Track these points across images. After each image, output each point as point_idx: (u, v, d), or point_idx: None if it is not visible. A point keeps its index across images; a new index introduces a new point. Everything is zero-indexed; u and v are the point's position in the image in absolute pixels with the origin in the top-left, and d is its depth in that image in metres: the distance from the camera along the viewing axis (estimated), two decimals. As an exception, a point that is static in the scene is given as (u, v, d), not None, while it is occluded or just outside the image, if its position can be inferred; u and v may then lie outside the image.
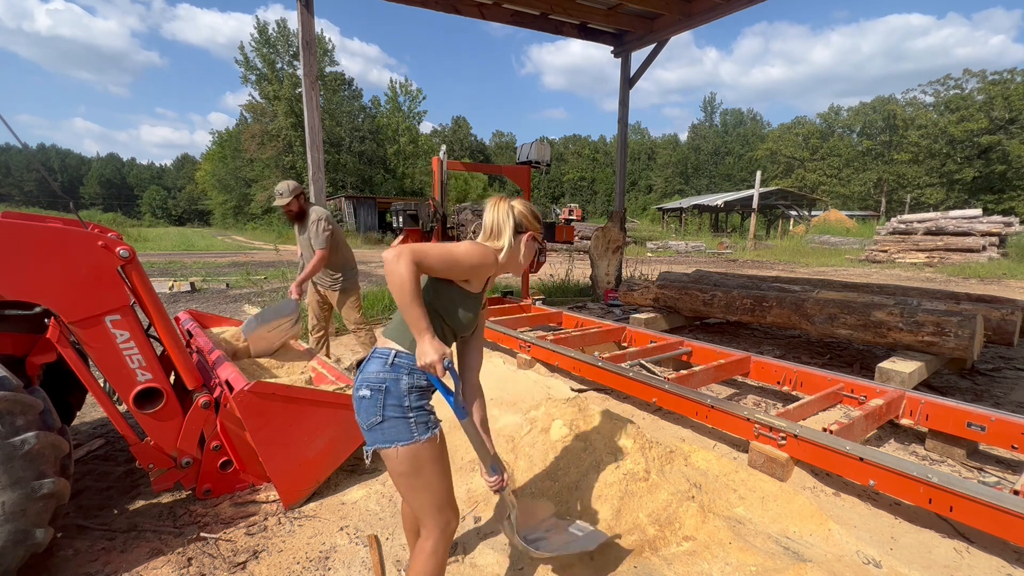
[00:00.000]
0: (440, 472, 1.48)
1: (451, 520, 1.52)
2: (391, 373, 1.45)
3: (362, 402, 1.45)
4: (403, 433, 1.42)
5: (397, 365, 1.46)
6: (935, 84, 41.48)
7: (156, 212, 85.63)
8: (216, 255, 19.02)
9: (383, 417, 1.42)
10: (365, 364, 1.52)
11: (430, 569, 1.47)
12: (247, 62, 40.75)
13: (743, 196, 31.40)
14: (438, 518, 1.48)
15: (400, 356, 1.47)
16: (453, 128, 67.30)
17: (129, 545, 2.12)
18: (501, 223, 1.59)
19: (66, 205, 2.56)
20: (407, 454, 1.42)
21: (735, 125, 68.65)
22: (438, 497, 1.48)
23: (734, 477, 2.48)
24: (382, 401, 1.43)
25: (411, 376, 1.46)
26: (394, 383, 1.44)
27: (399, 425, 1.43)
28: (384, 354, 1.48)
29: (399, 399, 1.44)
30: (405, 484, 1.46)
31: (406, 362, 1.47)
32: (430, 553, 1.47)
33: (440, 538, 1.48)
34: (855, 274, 13.58)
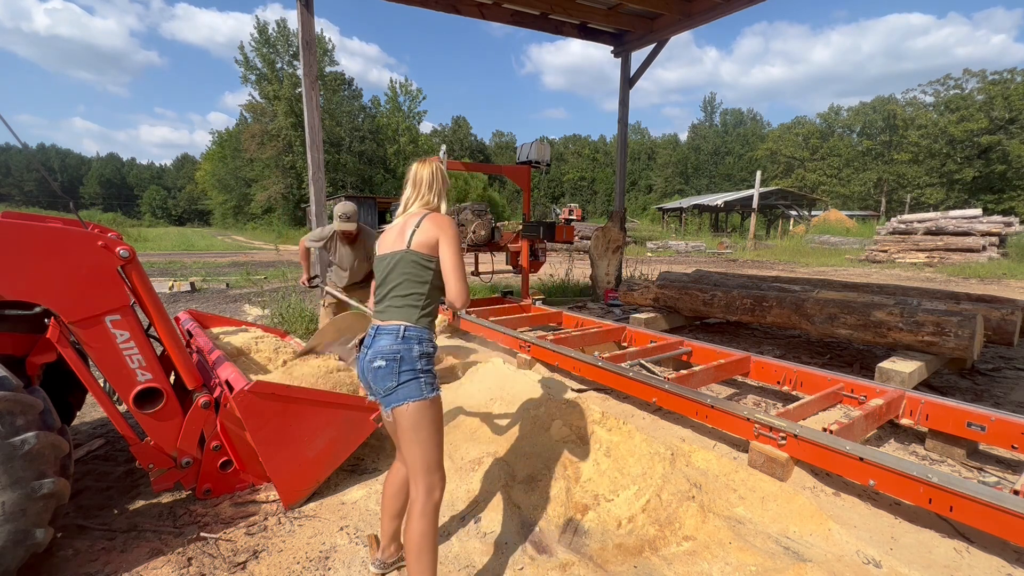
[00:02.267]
0: (437, 431, 1.70)
1: (436, 484, 1.69)
2: (403, 344, 1.68)
3: (378, 371, 1.67)
4: (414, 391, 1.65)
5: (408, 337, 1.69)
6: (935, 84, 41.52)
7: (156, 212, 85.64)
8: (216, 255, 19.02)
9: (398, 382, 1.65)
10: (373, 340, 1.71)
11: (423, 528, 1.64)
12: (247, 62, 40.80)
13: (743, 196, 31.40)
14: (426, 477, 1.67)
15: (409, 330, 1.70)
16: (453, 128, 67.27)
17: (129, 545, 2.12)
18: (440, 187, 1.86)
19: (66, 205, 2.56)
20: (415, 409, 1.65)
21: (735, 125, 68.67)
22: (430, 455, 1.67)
23: (734, 477, 2.48)
24: (397, 368, 1.65)
25: (421, 344, 1.70)
26: (407, 352, 1.67)
27: (412, 384, 1.65)
28: (393, 330, 1.70)
29: (412, 364, 1.67)
30: (405, 438, 1.67)
31: (415, 334, 1.70)
32: (419, 514, 1.65)
33: (426, 499, 1.66)
34: (855, 274, 13.59)
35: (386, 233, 1.85)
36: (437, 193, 1.84)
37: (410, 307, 1.73)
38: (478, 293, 7.74)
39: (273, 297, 6.86)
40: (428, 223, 1.73)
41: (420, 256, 1.71)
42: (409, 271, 1.72)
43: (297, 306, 6.06)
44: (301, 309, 6.00)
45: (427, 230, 1.72)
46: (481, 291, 7.90)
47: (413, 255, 1.72)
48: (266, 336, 3.67)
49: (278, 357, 3.34)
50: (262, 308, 7.19)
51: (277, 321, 5.86)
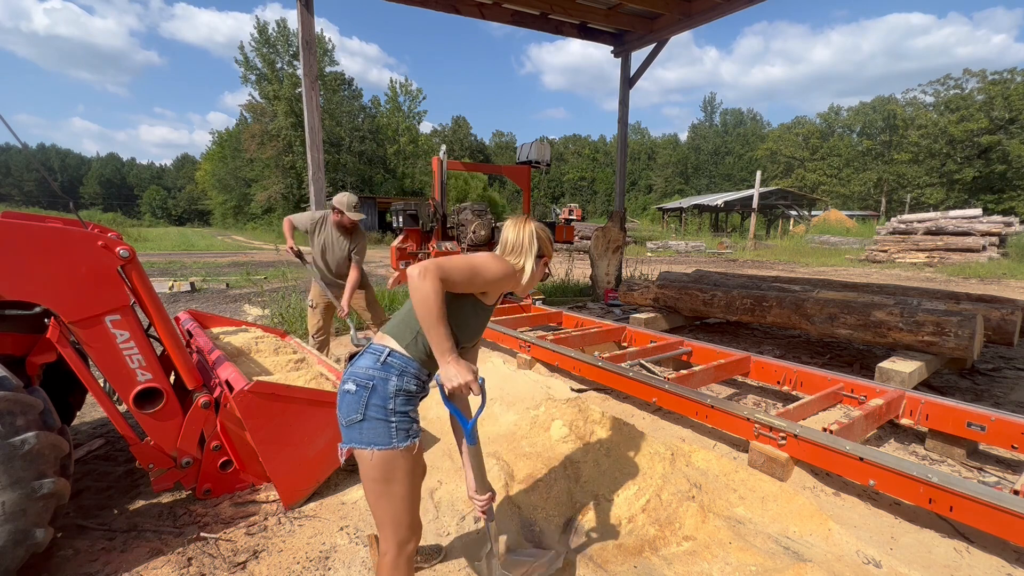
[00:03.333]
0: (409, 486, 1.44)
1: (409, 540, 1.47)
2: (381, 372, 1.41)
3: (345, 396, 1.41)
4: (381, 436, 1.38)
5: (388, 365, 1.42)
6: (935, 84, 41.51)
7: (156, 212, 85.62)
8: (216, 255, 19.02)
9: (363, 416, 1.38)
10: (357, 358, 1.49)
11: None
12: (247, 62, 40.76)
13: (743, 196, 31.40)
14: (396, 534, 1.44)
15: (393, 356, 1.44)
16: (453, 128, 67.27)
17: (129, 545, 2.12)
18: (525, 246, 1.60)
19: (66, 205, 2.56)
20: (381, 459, 1.38)
21: (735, 125, 68.69)
22: (401, 511, 1.43)
23: (734, 477, 2.48)
24: (366, 399, 1.39)
25: (401, 379, 1.42)
26: (382, 382, 1.40)
27: (379, 427, 1.38)
28: (378, 351, 1.45)
29: (384, 400, 1.39)
30: (373, 490, 1.42)
31: (398, 363, 1.43)
32: (389, 569, 1.46)
33: (397, 554, 1.45)
34: (855, 274, 13.59)
35: None
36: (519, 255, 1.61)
37: (405, 329, 1.48)
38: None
39: (273, 297, 6.86)
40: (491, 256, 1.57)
41: None
42: None
43: (297, 306, 6.05)
44: (301, 309, 6.00)
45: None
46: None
47: None
48: (266, 336, 3.67)
49: (278, 357, 3.34)
50: (262, 308, 7.19)
51: (277, 321, 5.86)
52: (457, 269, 1.39)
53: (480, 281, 1.46)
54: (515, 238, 1.60)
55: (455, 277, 1.38)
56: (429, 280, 1.31)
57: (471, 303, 1.52)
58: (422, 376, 1.49)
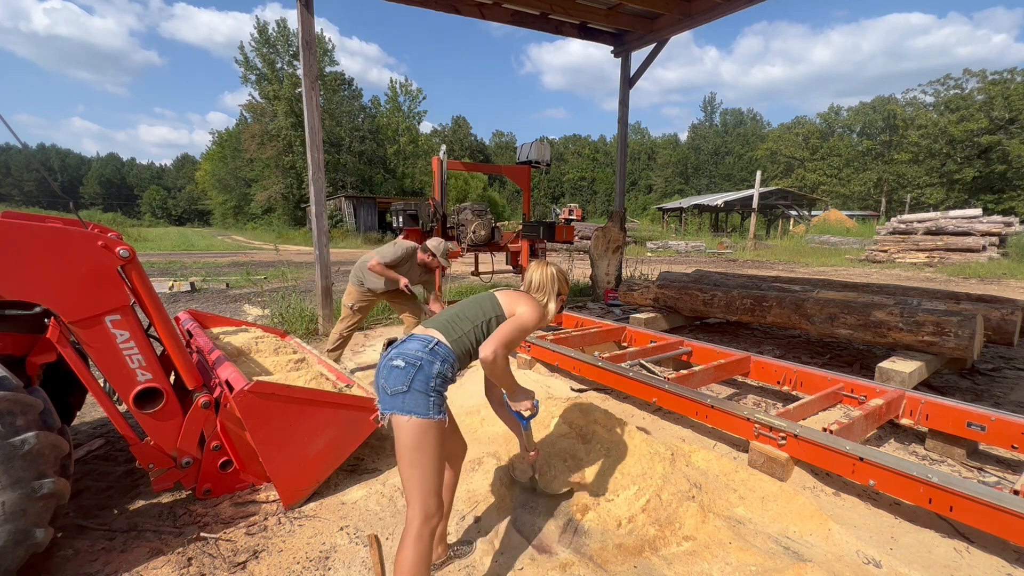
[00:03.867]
0: (438, 455, 1.63)
1: (434, 514, 1.61)
2: (429, 355, 1.65)
3: (394, 371, 1.63)
4: (420, 407, 1.59)
5: (436, 352, 1.67)
6: (935, 84, 41.51)
7: (156, 212, 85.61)
8: (216, 255, 19.02)
9: (408, 388, 1.59)
10: (403, 343, 1.71)
11: (416, 555, 1.57)
12: (247, 62, 40.75)
13: (743, 196, 31.40)
14: (423, 501, 1.60)
15: (440, 346, 1.69)
16: (453, 128, 67.26)
17: (129, 545, 2.12)
18: (548, 287, 1.95)
19: (66, 205, 2.56)
20: (417, 426, 1.58)
21: (735, 125, 68.70)
22: (429, 480, 1.60)
23: (734, 477, 2.48)
24: (412, 374, 1.61)
25: (443, 364, 1.67)
26: (428, 364, 1.63)
27: (420, 399, 1.59)
28: (427, 339, 1.70)
29: (427, 379, 1.62)
30: (406, 458, 1.60)
31: (443, 352, 1.69)
32: (414, 539, 1.58)
33: (422, 525, 1.59)
34: (855, 274, 13.59)
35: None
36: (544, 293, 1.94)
37: (452, 328, 1.76)
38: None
39: (273, 297, 6.86)
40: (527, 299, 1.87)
41: (496, 305, 1.84)
42: (476, 309, 1.83)
43: (297, 306, 6.06)
44: (301, 309, 6.00)
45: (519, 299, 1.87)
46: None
47: (492, 300, 1.86)
48: (266, 336, 3.67)
49: (278, 357, 3.34)
50: (262, 308, 7.19)
51: (277, 321, 5.86)
52: (515, 340, 1.76)
53: (526, 335, 1.83)
54: (540, 280, 1.95)
55: (514, 344, 1.77)
56: (500, 360, 1.72)
57: None
58: (457, 367, 1.75)
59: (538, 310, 1.84)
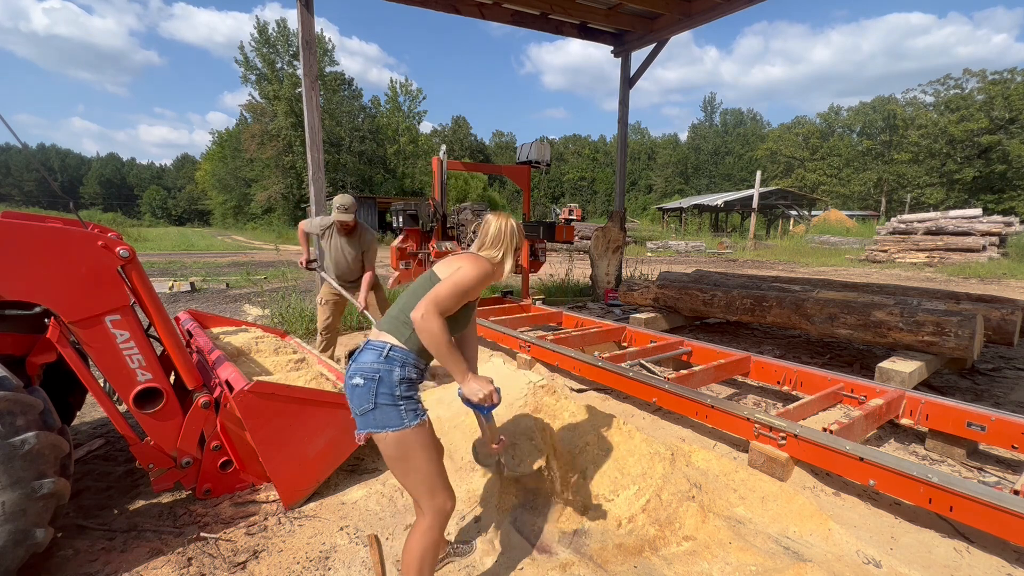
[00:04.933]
0: (428, 457, 1.58)
1: (445, 502, 1.61)
2: (385, 364, 1.56)
3: (356, 390, 1.55)
4: (393, 420, 1.53)
5: (391, 358, 1.57)
6: (935, 84, 41.51)
7: (156, 212, 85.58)
8: (216, 255, 19.02)
9: (375, 404, 1.53)
10: (358, 354, 1.62)
11: (424, 545, 1.59)
12: (247, 62, 40.75)
13: (743, 196, 31.40)
14: (431, 500, 1.58)
15: (395, 350, 1.59)
16: (453, 128, 67.26)
17: (129, 545, 2.12)
18: (507, 242, 1.79)
19: (66, 205, 2.56)
20: (396, 440, 1.53)
21: (735, 125, 68.68)
22: (429, 480, 1.58)
23: (734, 477, 2.48)
24: (375, 389, 1.53)
25: (403, 369, 1.58)
26: (387, 373, 1.55)
27: (390, 412, 1.53)
28: (379, 347, 1.60)
29: (391, 388, 1.54)
30: (397, 469, 1.58)
31: (399, 356, 1.59)
32: (425, 530, 1.59)
33: (434, 518, 1.59)
34: (855, 274, 13.59)
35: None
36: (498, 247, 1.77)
37: (404, 325, 1.62)
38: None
39: (273, 297, 6.86)
40: (467, 258, 1.71)
41: (435, 277, 1.68)
42: (419, 291, 1.64)
43: (297, 306, 6.06)
44: (301, 309, 6.00)
45: (456, 259, 1.71)
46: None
47: (431, 275, 1.70)
48: (266, 336, 3.67)
49: (278, 357, 3.34)
50: (262, 308, 7.19)
51: (277, 321, 5.86)
52: (449, 298, 1.57)
53: (470, 294, 1.65)
54: (496, 232, 1.79)
55: (450, 304, 1.57)
56: (430, 319, 1.50)
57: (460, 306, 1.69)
58: (420, 365, 1.65)
59: (482, 266, 1.66)
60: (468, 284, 1.60)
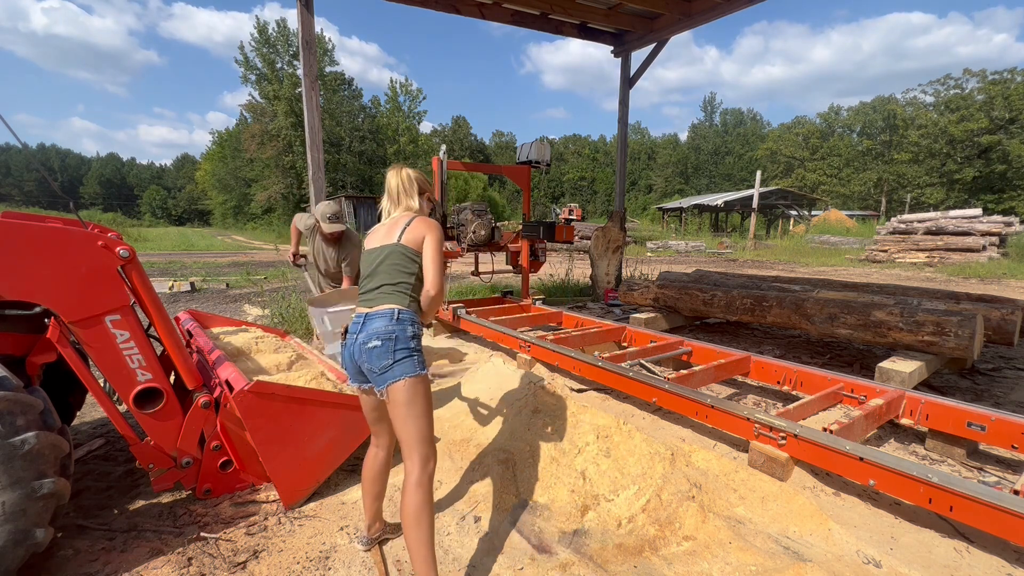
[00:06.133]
0: (429, 405, 1.82)
1: (431, 456, 1.80)
2: (398, 325, 1.80)
3: (374, 351, 1.77)
4: (409, 367, 1.77)
5: (402, 319, 1.82)
6: (935, 84, 41.53)
7: (156, 212, 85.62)
8: (216, 255, 19.02)
9: (394, 359, 1.76)
10: (364, 325, 1.83)
11: (419, 499, 1.73)
12: (247, 62, 40.77)
13: (743, 196, 31.40)
14: (421, 448, 1.77)
15: (403, 313, 1.84)
16: (453, 128, 67.24)
17: (129, 545, 2.12)
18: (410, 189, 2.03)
19: (66, 205, 2.56)
20: (411, 384, 1.76)
21: (735, 125, 68.68)
22: (424, 429, 1.78)
23: (734, 477, 2.48)
24: (392, 347, 1.77)
25: (413, 326, 1.85)
26: (402, 332, 1.80)
27: (407, 362, 1.77)
28: (388, 313, 1.83)
29: (406, 342, 1.80)
30: (400, 415, 1.77)
31: (407, 316, 1.84)
32: (416, 484, 1.74)
33: (422, 470, 1.76)
34: (855, 274, 13.58)
35: (373, 232, 2.03)
36: (412, 195, 2.03)
37: (400, 294, 1.87)
38: (478, 293, 7.74)
39: (273, 297, 6.86)
40: (417, 223, 1.94)
41: (408, 250, 1.90)
42: (398, 262, 1.89)
43: (297, 306, 6.05)
44: (301, 309, 6.00)
45: (416, 228, 1.93)
46: (481, 291, 7.90)
47: (402, 248, 1.90)
48: (266, 336, 3.67)
49: (278, 357, 3.33)
50: (262, 308, 7.19)
51: (277, 321, 5.86)
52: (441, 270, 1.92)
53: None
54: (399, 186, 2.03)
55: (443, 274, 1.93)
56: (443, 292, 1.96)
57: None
58: (420, 322, 1.93)
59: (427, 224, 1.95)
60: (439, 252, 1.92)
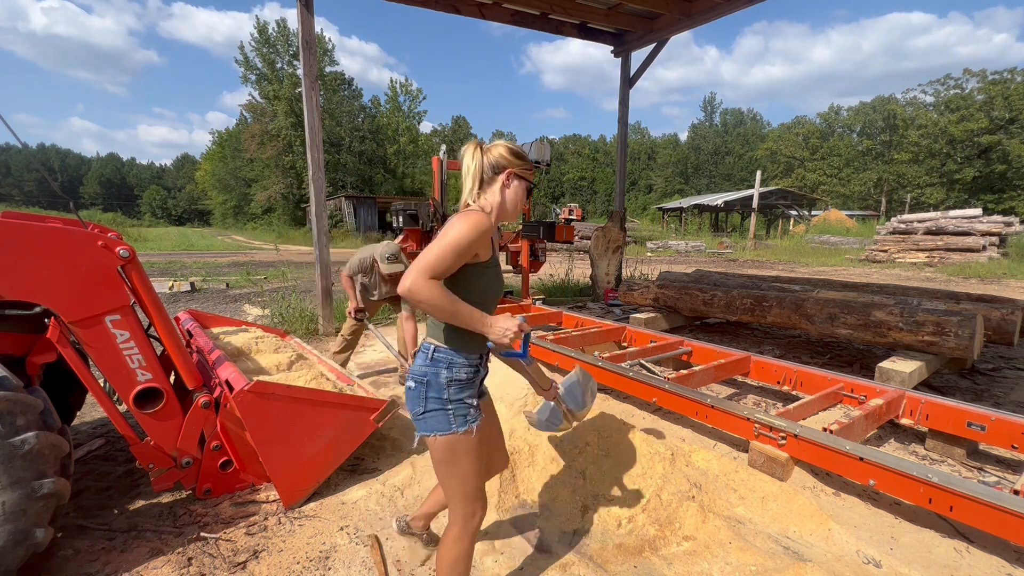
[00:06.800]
0: (472, 464, 1.54)
1: (476, 511, 1.58)
2: (431, 367, 1.52)
3: (408, 393, 1.55)
4: (442, 424, 1.50)
5: (436, 360, 1.52)
6: (935, 84, 41.53)
7: (156, 212, 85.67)
8: (216, 255, 19.02)
9: (425, 408, 1.51)
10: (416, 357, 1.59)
11: (456, 554, 1.56)
12: (247, 62, 40.76)
13: (743, 196, 31.40)
14: (464, 506, 1.56)
15: (439, 351, 1.53)
16: (453, 128, 67.24)
17: (129, 545, 2.12)
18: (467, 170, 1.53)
19: (66, 205, 2.56)
20: (444, 444, 1.51)
21: (735, 125, 68.68)
22: (467, 487, 1.55)
23: (734, 477, 2.48)
24: (424, 393, 1.51)
25: (450, 370, 1.51)
26: (434, 376, 1.51)
27: (439, 416, 1.50)
28: (426, 349, 1.55)
29: (439, 391, 1.50)
30: (440, 471, 1.56)
31: (444, 356, 1.52)
32: (454, 539, 1.56)
33: (463, 527, 1.56)
34: (855, 274, 13.58)
35: None
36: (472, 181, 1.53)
37: (435, 322, 1.54)
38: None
39: (273, 297, 6.86)
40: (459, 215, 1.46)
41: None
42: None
43: (297, 306, 6.06)
44: (301, 309, 6.00)
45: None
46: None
47: None
48: (266, 336, 3.67)
49: (278, 357, 3.34)
50: (262, 308, 7.19)
51: (277, 321, 5.86)
52: (439, 259, 1.35)
53: (463, 251, 1.39)
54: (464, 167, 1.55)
55: (441, 267, 1.35)
56: (419, 286, 1.32)
57: (472, 271, 1.49)
58: (471, 362, 1.55)
59: (471, 219, 1.41)
60: (455, 240, 1.37)
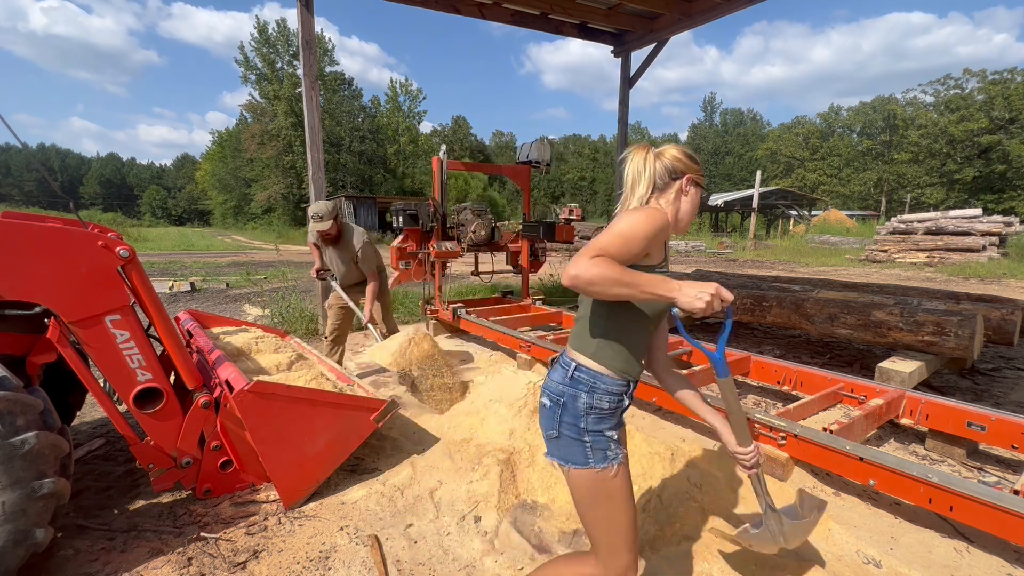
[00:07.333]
0: (617, 509, 1.29)
1: (626, 569, 1.29)
2: (570, 388, 1.31)
3: (542, 410, 1.37)
4: (578, 456, 1.29)
5: (576, 380, 1.30)
6: (935, 84, 41.54)
7: (156, 212, 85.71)
8: (216, 255, 19.03)
9: (559, 433, 1.31)
10: (551, 370, 1.40)
11: None
12: (247, 62, 40.79)
13: (743, 196, 31.39)
14: (610, 561, 1.29)
15: (581, 371, 1.30)
16: (453, 128, 67.23)
17: (129, 545, 2.12)
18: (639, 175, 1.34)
19: (66, 205, 2.56)
20: (580, 479, 1.30)
21: (735, 125, 68.72)
22: (612, 536, 1.29)
23: (734, 477, 2.48)
24: (559, 416, 1.31)
25: (591, 395, 1.29)
26: (572, 399, 1.30)
27: (574, 446, 1.29)
28: (566, 365, 1.34)
29: (575, 418, 1.29)
30: (579, 508, 1.34)
31: (586, 377, 1.30)
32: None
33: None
34: (855, 274, 13.58)
35: None
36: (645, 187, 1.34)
37: (583, 333, 1.33)
38: (478, 293, 7.74)
39: (273, 297, 6.87)
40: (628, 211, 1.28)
41: None
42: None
43: (297, 306, 6.06)
44: (301, 309, 6.00)
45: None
46: (481, 291, 7.90)
47: None
48: (266, 336, 3.67)
49: (278, 357, 3.33)
50: (262, 308, 7.19)
51: (277, 321, 5.86)
52: (611, 244, 1.16)
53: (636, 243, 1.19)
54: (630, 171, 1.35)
55: (615, 251, 1.16)
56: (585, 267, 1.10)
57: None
58: (616, 389, 1.31)
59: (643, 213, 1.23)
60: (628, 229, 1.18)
